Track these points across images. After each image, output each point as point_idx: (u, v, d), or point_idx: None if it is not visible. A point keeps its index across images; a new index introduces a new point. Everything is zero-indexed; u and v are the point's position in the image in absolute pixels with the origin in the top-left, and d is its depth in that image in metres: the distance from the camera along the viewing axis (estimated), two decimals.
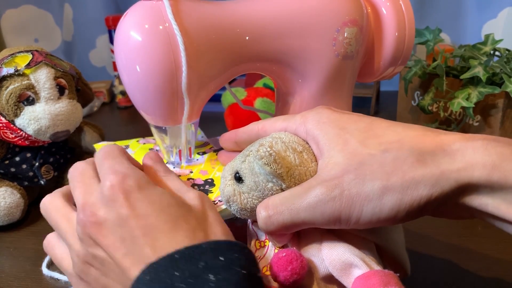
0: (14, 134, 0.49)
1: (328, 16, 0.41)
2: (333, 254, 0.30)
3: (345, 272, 0.29)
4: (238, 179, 0.32)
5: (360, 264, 0.29)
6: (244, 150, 0.34)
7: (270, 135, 0.33)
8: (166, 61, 0.36)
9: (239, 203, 0.33)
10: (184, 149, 0.43)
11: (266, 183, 0.31)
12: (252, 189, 0.32)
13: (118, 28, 0.38)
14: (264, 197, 0.31)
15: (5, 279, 0.42)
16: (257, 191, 0.31)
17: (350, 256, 0.29)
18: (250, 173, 0.31)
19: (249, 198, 0.32)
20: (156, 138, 0.43)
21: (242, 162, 0.32)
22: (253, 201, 0.32)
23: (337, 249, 0.30)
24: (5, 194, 0.49)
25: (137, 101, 0.40)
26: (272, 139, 0.32)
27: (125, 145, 0.50)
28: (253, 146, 0.33)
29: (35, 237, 0.48)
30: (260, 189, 0.31)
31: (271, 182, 0.31)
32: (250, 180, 0.31)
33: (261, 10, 0.41)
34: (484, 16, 0.88)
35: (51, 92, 0.49)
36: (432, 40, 0.70)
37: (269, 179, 0.30)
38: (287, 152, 0.31)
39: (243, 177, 0.32)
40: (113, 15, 0.88)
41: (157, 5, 0.36)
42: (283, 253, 0.30)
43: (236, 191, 0.32)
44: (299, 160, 0.31)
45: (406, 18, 0.45)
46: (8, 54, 0.49)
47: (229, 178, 0.33)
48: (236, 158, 0.34)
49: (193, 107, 0.40)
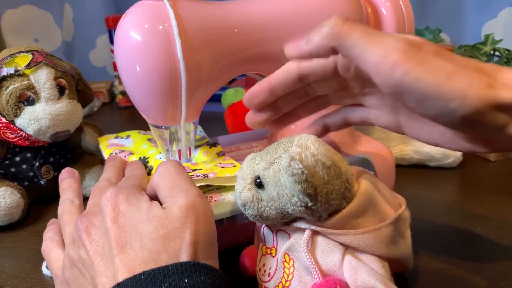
0: (14, 134, 0.49)
1: (327, 16, 0.41)
2: (357, 279, 0.29)
3: None
4: (259, 185, 0.32)
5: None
6: (266, 153, 0.33)
7: (297, 139, 0.32)
8: (165, 61, 0.36)
9: (256, 210, 0.32)
10: (184, 148, 0.43)
11: (291, 197, 0.30)
12: (273, 199, 0.31)
13: (118, 28, 0.38)
14: (284, 209, 0.31)
15: (5, 279, 0.42)
16: (277, 202, 0.31)
17: (375, 283, 0.29)
18: (274, 184, 0.30)
19: (267, 207, 0.31)
20: (156, 137, 0.43)
21: (266, 169, 0.31)
22: (271, 211, 0.31)
23: (360, 274, 0.29)
24: (5, 194, 0.49)
25: (137, 100, 0.40)
26: (300, 150, 0.30)
27: (127, 135, 0.52)
28: (276, 152, 0.32)
29: (35, 237, 0.48)
30: (282, 202, 0.30)
31: (296, 197, 0.29)
32: (273, 190, 0.31)
33: (260, 10, 0.41)
34: (484, 16, 0.88)
35: (51, 92, 0.49)
36: (432, 40, 0.70)
37: (296, 195, 0.29)
38: (316, 168, 0.29)
39: (264, 184, 0.31)
40: (113, 15, 0.88)
41: (157, 5, 0.36)
42: None
43: (255, 197, 0.32)
44: (327, 177, 0.29)
45: (406, 18, 0.45)
46: (8, 54, 0.49)
47: (248, 181, 0.32)
48: (256, 158, 0.33)
49: (192, 107, 0.40)
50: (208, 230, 0.30)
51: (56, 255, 0.34)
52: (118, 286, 0.26)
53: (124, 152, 0.46)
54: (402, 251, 0.33)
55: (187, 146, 0.43)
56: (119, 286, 0.26)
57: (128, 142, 0.51)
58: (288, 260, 0.32)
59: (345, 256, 0.30)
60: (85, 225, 0.30)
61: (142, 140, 0.50)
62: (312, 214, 0.30)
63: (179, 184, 0.31)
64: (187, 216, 0.29)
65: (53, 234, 0.36)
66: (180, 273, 0.26)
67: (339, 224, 0.30)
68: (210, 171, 0.41)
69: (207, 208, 0.30)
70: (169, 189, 0.31)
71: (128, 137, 0.52)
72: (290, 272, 0.32)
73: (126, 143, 0.50)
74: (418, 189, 0.55)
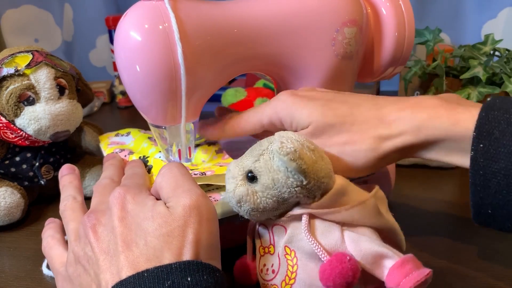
0: (14, 134, 0.49)
1: (327, 16, 0.42)
2: (361, 249, 0.31)
3: (377, 264, 0.31)
4: (251, 178, 0.32)
5: (391, 254, 0.30)
6: (250, 151, 0.34)
7: (277, 133, 0.33)
8: (165, 61, 0.36)
9: (252, 203, 0.32)
10: (184, 148, 0.43)
11: (287, 179, 0.31)
12: (269, 187, 0.32)
13: (118, 28, 0.38)
14: (280, 195, 0.32)
15: (5, 279, 0.42)
16: (273, 189, 0.31)
17: (379, 248, 0.31)
18: (267, 171, 0.31)
19: (263, 197, 0.32)
20: (156, 137, 0.43)
21: (255, 162, 0.32)
22: (267, 200, 0.32)
23: (363, 244, 0.31)
24: (5, 194, 0.49)
25: (137, 100, 0.40)
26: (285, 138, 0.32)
27: (127, 132, 0.52)
28: (261, 146, 0.33)
29: (35, 237, 0.48)
30: (278, 186, 0.31)
31: (292, 178, 0.31)
32: (267, 178, 0.31)
33: (260, 10, 0.41)
34: (484, 16, 0.88)
35: (51, 92, 0.49)
36: (432, 40, 0.70)
37: (290, 175, 0.31)
38: (303, 149, 0.31)
39: (258, 175, 0.32)
40: (113, 15, 0.88)
41: (157, 5, 0.36)
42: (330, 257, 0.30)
43: (249, 191, 0.32)
44: (315, 157, 0.31)
45: (406, 18, 0.45)
46: (8, 54, 0.49)
47: (240, 178, 0.33)
48: (241, 159, 0.34)
49: (192, 107, 0.40)
50: (211, 231, 0.30)
51: (58, 252, 0.34)
52: (121, 283, 0.26)
53: (125, 151, 0.46)
54: (389, 222, 0.34)
55: (187, 146, 0.43)
56: (122, 283, 0.26)
57: (128, 139, 0.51)
58: (290, 252, 0.33)
59: (343, 233, 0.32)
60: (92, 222, 0.31)
61: (142, 139, 0.50)
62: (307, 194, 0.31)
63: (182, 185, 0.31)
64: (190, 215, 0.29)
65: (53, 232, 0.37)
66: (183, 272, 0.26)
67: (331, 202, 0.32)
68: (208, 170, 0.41)
69: (211, 208, 0.31)
70: (172, 189, 0.31)
71: (128, 134, 0.52)
72: (294, 263, 0.32)
73: (126, 141, 0.51)
74: (418, 189, 0.55)
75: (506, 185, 0.31)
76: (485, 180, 0.31)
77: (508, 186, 0.31)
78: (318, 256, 0.31)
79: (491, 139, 0.31)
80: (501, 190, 0.31)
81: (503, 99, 0.33)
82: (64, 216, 0.35)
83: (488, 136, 0.31)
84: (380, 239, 0.33)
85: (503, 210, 0.32)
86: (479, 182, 0.31)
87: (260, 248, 0.35)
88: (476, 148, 0.31)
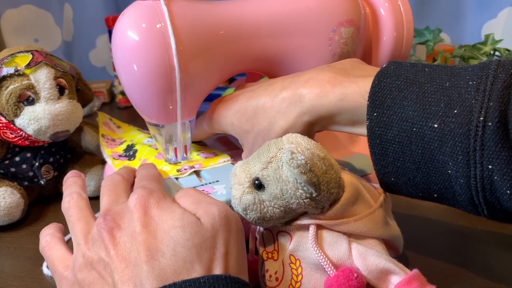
0: (14, 134, 0.49)
1: (324, 16, 0.42)
2: (368, 264, 0.30)
3: (383, 280, 0.30)
4: (258, 186, 0.31)
5: (398, 270, 0.30)
6: (258, 155, 0.33)
7: (285, 138, 0.32)
8: (161, 60, 0.36)
9: (259, 212, 0.32)
10: (180, 146, 0.43)
11: (296, 190, 0.30)
12: (276, 197, 0.31)
13: (115, 28, 0.38)
14: (288, 205, 0.31)
15: (5, 279, 0.42)
16: (281, 199, 0.31)
17: (386, 263, 0.30)
18: (276, 181, 0.31)
19: (270, 207, 0.31)
20: (153, 135, 0.43)
21: (263, 169, 0.31)
22: (274, 210, 0.31)
23: (370, 259, 0.30)
24: (5, 194, 0.49)
25: (134, 99, 0.40)
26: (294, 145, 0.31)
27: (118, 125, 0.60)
28: (270, 152, 0.32)
29: (35, 237, 0.48)
30: (286, 197, 0.31)
31: (301, 189, 0.30)
32: (275, 187, 0.31)
33: (257, 10, 0.41)
34: (484, 16, 0.88)
35: (51, 92, 0.49)
36: (432, 40, 0.70)
37: (300, 187, 0.30)
38: (313, 159, 0.30)
39: (265, 184, 0.31)
40: (113, 15, 0.88)
41: (154, 4, 0.37)
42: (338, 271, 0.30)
43: (256, 199, 0.31)
44: (325, 167, 0.30)
45: (405, 19, 0.45)
46: (8, 54, 0.49)
47: (247, 185, 0.32)
48: (248, 163, 0.33)
49: (188, 105, 0.40)
50: (240, 243, 0.29)
51: (59, 254, 0.32)
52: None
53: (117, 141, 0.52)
54: (394, 231, 0.34)
55: (183, 144, 0.43)
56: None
57: (119, 131, 0.57)
58: (294, 261, 0.32)
59: (351, 245, 0.31)
60: (109, 225, 0.28)
61: (131, 129, 0.56)
62: (316, 205, 0.31)
63: (204, 200, 0.30)
64: (220, 226, 0.28)
65: (53, 230, 0.34)
66: (211, 287, 0.25)
67: (340, 213, 0.31)
68: (195, 163, 0.44)
69: (239, 221, 0.30)
70: (195, 202, 0.30)
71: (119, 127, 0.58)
72: (298, 272, 0.32)
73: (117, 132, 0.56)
74: None
75: (401, 152, 0.31)
76: (383, 149, 0.31)
77: (404, 154, 0.30)
78: (323, 267, 0.30)
79: (384, 107, 0.31)
80: (398, 157, 0.31)
81: (398, 64, 0.33)
82: (70, 214, 0.32)
83: (380, 105, 0.31)
84: (387, 252, 0.32)
85: (404, 178, 0.31)
86: (378, 150, 0.32)
87: (263, 252, 0.34)
88: (371, 117, 0.31)
